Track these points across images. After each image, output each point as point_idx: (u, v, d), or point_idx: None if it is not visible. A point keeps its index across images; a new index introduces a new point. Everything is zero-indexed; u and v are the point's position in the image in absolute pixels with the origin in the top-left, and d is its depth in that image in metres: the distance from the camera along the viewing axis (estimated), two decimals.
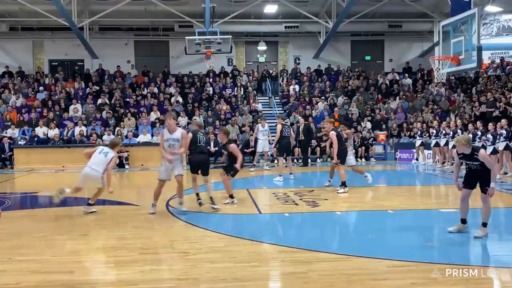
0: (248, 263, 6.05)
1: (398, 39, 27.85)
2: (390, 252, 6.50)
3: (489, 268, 5.90)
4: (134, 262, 6.11)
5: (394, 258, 6.18)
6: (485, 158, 7.11)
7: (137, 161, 19.11)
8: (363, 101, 23.75)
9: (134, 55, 27.26)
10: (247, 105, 23.48)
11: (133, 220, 8.77)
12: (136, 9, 23.82)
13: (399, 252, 6.59)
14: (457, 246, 6.95)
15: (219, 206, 9.50)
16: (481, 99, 20.30)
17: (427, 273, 5.59)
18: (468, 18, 12.51)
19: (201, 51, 20.08)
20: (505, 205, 10.71)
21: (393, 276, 5.54)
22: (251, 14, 24.86)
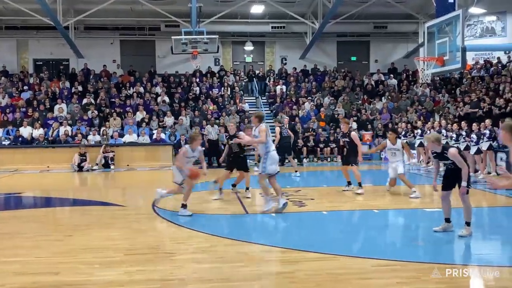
0: (235, 263, 6.05)
1: (384, 40, 28.05)
2: (376, 252, 6.56)
3: (472, 267, 5.98)
4: (120, 263, 6.08)
5: (380, 257, 6.23)
6: (455, 157, 7.17)
7: (123, 161, 19.01)
8: (349, 102, 23.89)
9: (120, 54, 27.08)
10: (234, 105, 23.48)
11: (119, 221, 8.72)
12: (122, 8, 23.69)
13: (384, 251, 6.65)
14: (442, 245, 7.03)
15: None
16: (465, 100, 20.53)
17: (412, 272, 5.65)
18: (453, 19, 12.64)
19: (188, 51, 20.03)
20: (489, 204, 10.86)
21: (378, 275, 5.58)
22: (237, 14, 24.87)
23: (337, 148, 19.70)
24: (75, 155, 18.19)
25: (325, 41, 27.23)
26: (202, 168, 9.89)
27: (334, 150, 20.35)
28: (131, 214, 9.35)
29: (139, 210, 9.86)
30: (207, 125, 19.66)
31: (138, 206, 10.52)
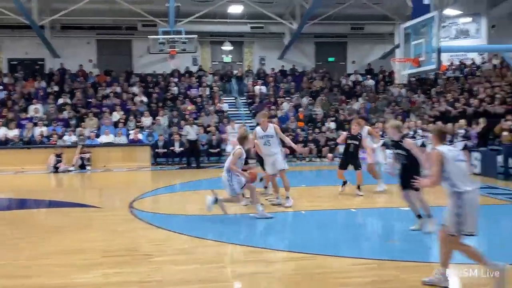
0: (213, 264, 6.04)
1: (361, 41, 28.31)
2: (353, 250, 6.62)
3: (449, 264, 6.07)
4: (97, 265, 6.01)
5: (358, 256, 6.29)
6: (410, 146, 7.28)
7: (100, 162, 18.78)
8: (327, 102, 24.04)
9: (97, 54, 26.76)
10: (213, 105, 23.42)
11: (96, 223, 8.63)
12: (98, 8, 23.41)
13: (361, 250, 6.72)
14: (417, 243, 7.13)
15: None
16: (441, 100, 20.85)
17: (390, 270, 5.72)
18: (428, 21, 12.81)
19: (165, 50, 19.90)
20: None
21: (355, 274, 5.64)
22: (216, 14, 24.80)
23: (329, 147, 19.68)
24: (51, 156, 17.90)
25: (303, 41, 27.36)
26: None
27: (313, 150, 20.43)
28: (108, 215, 9.25)
29: (116, 211, 9.76)
30: (185, 125, 19.55)
31: (115, 207, 10.42)
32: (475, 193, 5.05)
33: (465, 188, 4.99)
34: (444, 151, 5.13)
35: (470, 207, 4.96)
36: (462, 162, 5.12)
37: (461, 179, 5.03)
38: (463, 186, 4.99)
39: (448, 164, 5.05)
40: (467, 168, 5.14)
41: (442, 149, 5.15)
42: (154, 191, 12.56)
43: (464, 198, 4.95)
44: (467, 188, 4.99)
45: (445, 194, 5.16)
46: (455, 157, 5.09)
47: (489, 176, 14.25)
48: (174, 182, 14.74)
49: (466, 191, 4.98)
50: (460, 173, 5.04)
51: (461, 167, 5.08)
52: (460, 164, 5.09)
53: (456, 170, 5.04)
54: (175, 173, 17.35)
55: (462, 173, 5.05)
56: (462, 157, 5.19)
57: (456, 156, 5.13)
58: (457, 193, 5.00)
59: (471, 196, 4.99)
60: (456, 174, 5.03)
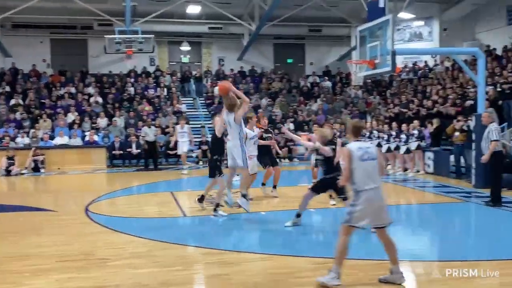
0: (173, 267, 5.97)
1: (318, 43, 28.70)
2: (314, 250, 6.68)
3: (403, 262, 6.21)
4: (51, 271, 5.84)
5: (317, 255, 6.35)
6: (324, 151, 7.65)
7: (54, 164, 18.29)
8: (286, 103, 24.23)
9: (50, 53, 26.02)
10: (171, 106, 23.19)
11: (50, 227, 8.38)
12: (52, 6, 22.78)
13: (322, 249, 6.78)
14: (375, 242, 7.25)
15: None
16: (395, 101, 21.36)
17: (349, 268, 5.79)
18: (383, 24, 13.06)
19: (122, 50, 19.57)
20: (417, 201, 11.35)
21: (317, 274, 5.67)
22: (173, 14, 24.57)
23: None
24: (3, 158, 17.29)
25: (262, 43, 27.48)
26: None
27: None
28: (63, 219, 9.01)
29: (71, 215, 9.50)
30: (143, 126, 19.25)
31: (70, 211, 10.14)
32: (374, 191, 5.19)
33: (364, 187, 5.15)
34: (352, 149, 5.23)
35: (366, 204, 5.13)
36: (369, 161, 5.20)
37: (362, 179, 5.16)
38: (362, 186, 5.15)
39: (353, 162, 5.18)
40: (374, 166, 5.23)
41: (351, 147, 5.25)
42: (111, 193, 12.33)
43: (361, 196, 5.14)
44: (366, 187, 5.15)
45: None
46: (362, 156, 5.19)
47: (442, 175, 14.70)
48: (131, 184, 14.50)
49: (365, 190, 5.15)
50: (363, 172, 5.16)
51: (366, 167, 5.18)
52: (366, 163, 5.18)
53: (360, 169, 5.16)
54: (132, 175, 17.07)
55: (365, 173, 5.16)
56: (373, 156, 5.25)
57: (363, 155, 5.20)
58: (355, 191, 5.20)
59: (369, 194, 5.15)
60: (358, 173, 5.17)
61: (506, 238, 7.63)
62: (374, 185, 5.19)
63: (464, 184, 13.00)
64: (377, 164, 5.26)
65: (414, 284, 5.59)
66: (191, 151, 20.13)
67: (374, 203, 5.18)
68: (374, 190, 5.18)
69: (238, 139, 8.48)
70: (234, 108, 8.40)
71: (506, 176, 11.62)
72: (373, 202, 5.17)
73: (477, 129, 12.02)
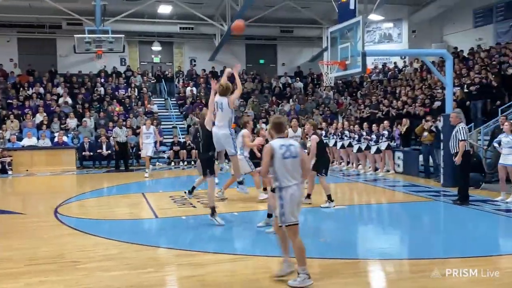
0: (144, 269, 5.91)
1: (290, 44, 28.86)
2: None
3: (376, 261, 6.32)
4: (20, 275, 5.72)
5: (290, 255, 6.38)
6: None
7: (22, 166, 17.88)
8: (258, 104, 24.29)
9: (18, 53, 25.42)
10: (142, 106, 22.96)
11: (19, 230, 8.20)
12: (19, 5, 22.24)
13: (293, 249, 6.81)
14: (345, 242, 7.36)
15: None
16: (366, 102, 21.65)
17: (320, 268, 5.85)
18: (354, 25, 13.22)
19: (92, 50, 19.27)
20: (388, 200, 11.53)
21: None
22: (144, 14, 24.33)
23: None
24: None
25: (234, 43, 27.45)
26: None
27: None
28: (32, 222, 8.82)
29: (40, 217, 9.32)
30: (114, 127, 19.00)
31: (39, 213, 9.94)
32: (297, 187, 5.31)
33: (287, 183, 5.24)
34: (274, 146, 5.33)
35: (290, 200, 5.23)
36: (291, 159, 5.30)
37: (284, 175, 5.27)
38: (285, 182, 5.26)
39: (275, 159, 5.28)
40: (296, 164, 5.33)
41: (274, 145, 5.35)
42: (81, 195, 12.14)
43: (283, 193, 5.24)
44: (289, 184, 5.25)
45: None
46: (284, 153, 5.30)
47: (411, 174, 14.98)
48: (102, 185, 14.30)
49: (288, 186, 5.24)
50: (284, 169, 5.27)
51: (287, 164, 5.29)
52: (288, 161, 5.29)
53: (282, 166, 5.27)
54: (102, 176, 16.84)
55: (286, 170, 5.27)
56: (295, 153, 5.34)
57: (285, 152, 5.30)
58: (278, 188, 5.30)
59: (291, 190, 5.24)
60: (280, 170, 5.27)
61: (473, 235, 7.83)
62: (295, 182, 5.30)
63: (433, 183, 13.27)
64: (298, 161, 5.36)
65: (384, 282, 5.68)
66: (163, 151, 19.99)
67: (296, 198, 5.31)
68: (296, 185, 5.30)
69: (227, 127, 8.29)
70: (228, 92, 8.21)
71: (473, 175, 11.93)
72: (295, 197, 5.29)
73: (445, 129, 12.29)
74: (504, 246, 7.34)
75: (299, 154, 5.34)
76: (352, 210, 10.01)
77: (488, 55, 18.69)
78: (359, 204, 7.98)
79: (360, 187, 13.27)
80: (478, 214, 9.21)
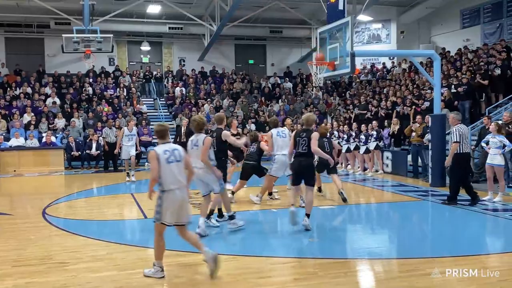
0: (133, 270, 5.89)
1: (279, 44, 28.90)
2: (274, 250, 6.73)
3: (365, 260, 6.35)
4: (7, 276, 5.67)
5: (278, 255, 6.40)
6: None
7: (9, 166, 17.73)
8: (247, 104, 24.29)
9: (5, 52, 25.21)
10: (131, 106, 22.86)
11: (6, 231, 8.12)
12: (7, 4, 22.04)
13: (282, 249, 6.84)
14: (336, 241, 7.38)
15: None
16: (355, 102, 21.74)
17: (309, 268, 5.87)
18: (342, 26, 13.27)
19: (80, 50, 19.13)
20: (376, 200, 11.59)
21: (277, 273, 5.73)
22: (133, 14, 24.24)
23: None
24: None
25: (223, 43, 27.45)
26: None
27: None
28: (19, 223, 8.74)
29: (28, 218, 9.25)
30: (104, 127, 18.86)
31: (27, 214, 9.86)
32: (179, 190, 5.52)
33: (170, 187, 5.48)
34: (158, 152, 5.52)
35: (170, 202, 5.48)
36: (175, 163, 5.52)
37: (168, 179, 5.48)
38: (167, 186, 5.48)
39: (160, 164, 5.46)
40: (180, 168, 5.58)
41: (158, 150, 5.54)
42: (69, 196, 12.05)
43: (165, 195, 5.48)
44: (171, 187, 5.48)
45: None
46: (168, 158, 5.50)
47: (400, 174, 15.07)
48: (90, 186, 14.21)
49: (170, 189, 5.48)
50: (169, 173, 5.48)
51: (172, 169, 5.50)
52: (172, 165, 5.49)
53: (166, 171, 5.47)
54: (91, 176, 16.74)
55: (171, 174, 5.48)
56: (179, 158, 5.57)
57: (169, 157, 5.51)
58: (160, 191, 5.51)
59: (172, 194, 5.48)
60: (165, 174, 5.47)
61: (461, 235, 7.89)
62: (179, 185, 5.52)
63: (421, 183, 13.36)
64: (183, 165, 5.61)
65: (373, 281, 5.71)
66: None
67: (177, 202, 5.51)
68: (179, 189, 5.51)
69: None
70: (202, 129, 7.44)
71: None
72: (176, 201, 5.50)
73: (434, 129, 12.37)
74: (491, 245, 7.42)
75: (182, 158, 5.60)
76: (341, 210, 10.05)
77: (475, 56, 18.85)
78: (348, 204, 8.04)
79: (349, 187, 13.31)
80: (465, 214, 9.28)
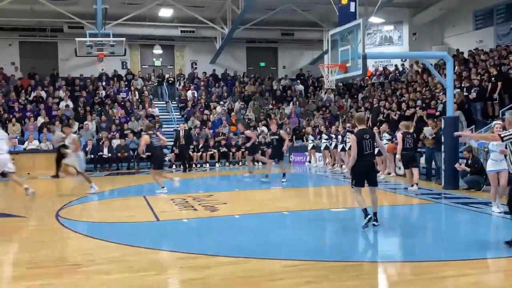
0: (146, 272, 5.92)
1: (291, 46, 28.88)
2: (286, 252, 6.72)
3: (377, 263, 6.32)
4: (21, 278, 5.72)
5: (290, 258, 6.39)
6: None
7: (23, 169, 17.86)
8: (258, 106, 24.32)
9: (19, 56, 25.51)
10: (143, 109, 23.00)
11: (20, 233, 8.21)
12: (21, 8, 22.30)
13: (294, 252, 6.82)
14: (348, 244, 7.35)
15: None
16: (366, 105, 21.65)
17: (321, 271, 5.85)
18: (354, 28, 13.23)
19: (93, 53, 19.32)
20: (389, 203, 11.51)
21: (289, 276, 5.72)
22: (145, 17, 24.39)
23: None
24: None
25: (235, 46, 27.51)
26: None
27: (245, 153, 20.54)
28: (33, 225, 8.85)
29: (42, 220, 9.35)
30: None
31: (41, 216, 9.96)
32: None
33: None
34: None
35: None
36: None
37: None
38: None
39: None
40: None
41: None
42: (82, 198, 12.15)
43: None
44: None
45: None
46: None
47: None
48: (103, 188, 14.31)
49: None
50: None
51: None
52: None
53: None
54: (104, 179, 16.85)
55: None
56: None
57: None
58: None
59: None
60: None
61: (474, 238, 7.82)
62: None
63: (434, 186, 13.26)
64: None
65: (385, 285, 5.68)
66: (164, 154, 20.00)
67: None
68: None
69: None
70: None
71: (474, 177, 11.93)
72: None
73: (446, 132, 12.28)
74: (504, 249, 7.33)
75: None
76: (353, 213, 10.01)
77: (488, 57, 18.69)
78: (360, 206, 8.04)
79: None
80: (480, 217, 9.19)
